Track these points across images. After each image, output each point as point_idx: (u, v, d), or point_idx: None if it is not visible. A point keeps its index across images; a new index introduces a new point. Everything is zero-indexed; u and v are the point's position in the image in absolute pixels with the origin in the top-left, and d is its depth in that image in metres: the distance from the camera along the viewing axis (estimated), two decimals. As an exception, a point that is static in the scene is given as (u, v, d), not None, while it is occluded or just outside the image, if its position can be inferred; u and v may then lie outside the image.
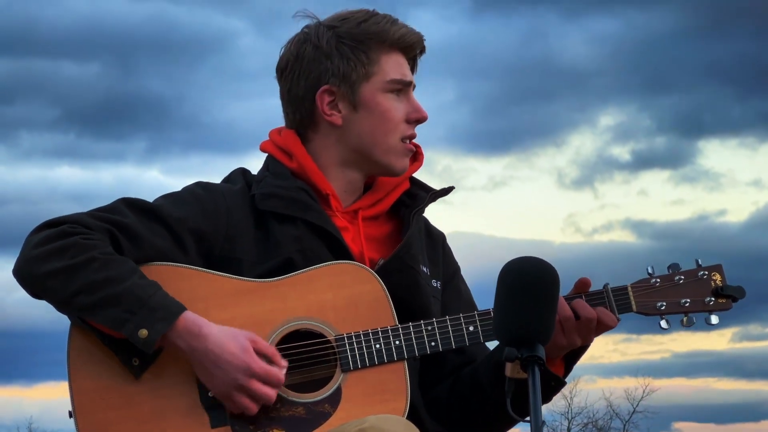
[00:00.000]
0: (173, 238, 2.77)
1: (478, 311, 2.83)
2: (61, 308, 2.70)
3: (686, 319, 2.87)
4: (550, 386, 2.80)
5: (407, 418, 2.68)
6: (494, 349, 2.90)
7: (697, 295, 2.87)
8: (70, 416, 2.71)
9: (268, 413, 2.70)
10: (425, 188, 3.02)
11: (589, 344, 2.85)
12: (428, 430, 2.87)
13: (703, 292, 2.88)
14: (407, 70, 2.96)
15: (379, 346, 2.75)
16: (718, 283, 2.88)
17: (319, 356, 2.74)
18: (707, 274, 2.89)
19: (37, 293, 2.70)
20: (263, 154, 3.02)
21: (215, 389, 2.67)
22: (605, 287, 2.85)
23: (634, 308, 2.85)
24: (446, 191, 3.03)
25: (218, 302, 2.72)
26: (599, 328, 2.81)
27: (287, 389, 2.72)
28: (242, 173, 2.97)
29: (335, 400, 2.72)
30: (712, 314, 2.88)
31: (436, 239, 3.08)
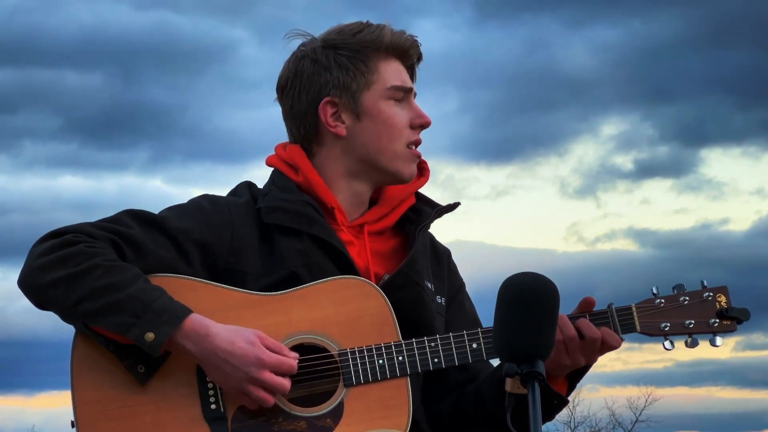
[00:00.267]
0: (177, 249, 2.77)
1: (481, 328, 2.83)
2: (66, 317, 2.70)
3: (690, 340, 2.86)
4: (552, 404, 2.79)
5: (409, 434, 2.69)
6: (497, 366, 2.90)
7: (701, 316, 2.86)
8: (72, 426, 2.71)
9: (270, 427, 2.70)
10: (431, 204, 3.02)
11: (592, 364, 2.85)
12: (430, 446, 2.88)
13: (707, 313, 2.87)
14: (406, 77, 2.96)
15: (382, 361, 2.75)
16: (723, 304, 2.87)
17: (322, 371, 2.74)
18: (712, 295, 2.88)
19: (41, 303, 2.71)
20: (265, 162, 3.03)
21: (229, 387, 2.67)
22: (609, 307, 2.85)
23: (638, 329, 2.85)
24: (452, 207, 3.02)
25: (222, 315, 2.72)
26: (603, 348, 2.81)
27: (289, 403, 2.72)
28: (248, 186, 2.97)
29: (337, 415, 2.72)
30: (716, 336, 2.87)
31: (441, 255, 3.08)
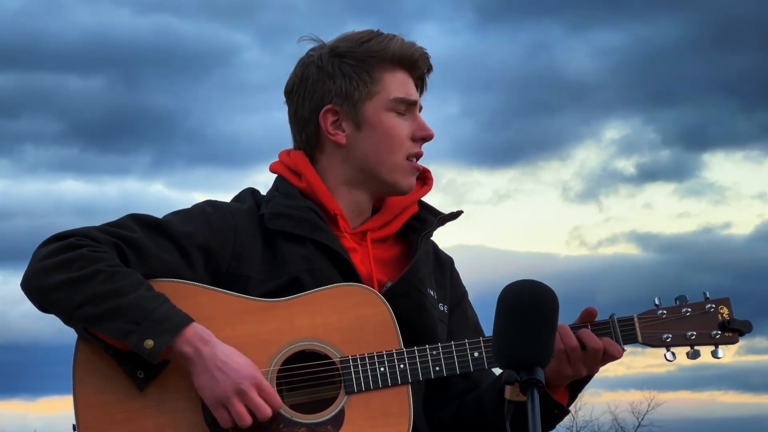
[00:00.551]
0: (181, 253, 2.78)
1: (483, 337, 2.83)
2: (67, 320, 2.71)
3: (691, 351, 2.86)
4: (553, 414, 2.80)
5: (410, 442, 2.69)
6: (499, 375, 2.90)
7: (703, 328, 2.86)
8: (74, 429, 2.72)
9: None
10: (434, 212, 3.03)
11: (594, 374, 2.84)
12: (431, 454, 2.88)
13: (709, 325, 2.87)
14: (412, 89, 2.96)
15: (383, 369, 2.75)
16: (725, 316, 2.87)
17: (323, 377, 2.74)
18: (714, 307, 2.88)
19: (43, 305, 2.71)
20: (267, 166, 3.04)
21: (213, 394, 2.64)
22: (611, 317, 2.85)
23: (639, 339, 2.85)
24: (454, 215, 3.03)
25: (225, 320, 2.73)
26: (605, 358, 2.81)
27: (290, 409, 2.72)
28: (251, 193, 2.98)
29: (338, 421, 2.72)
30: (718, 348, 2.87)
31: (444, 263, 3.09)
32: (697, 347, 2.86)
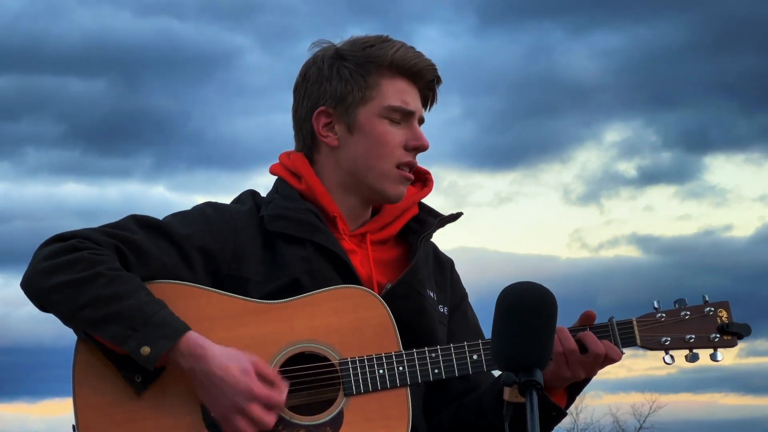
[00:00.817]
0: (181, 255, 2.78)
1: (482, 340, 2.83)
2: (67, 322, 2.72)
3: (690, 354, 2.86)
4: (551, 416, 2.80)
5: (408, 444, 2.69)
6: (498, 376, 2.90)
7: (702, 331, 2.87)
8: (73, 430, 2.72)
9: None
10: (433, 214, 3.03)
11: (592, 377, 2.85)
12: (430, 456, 2.88)
13: (708, 328, 2.87)
14: (411, 98, 2.93)
15: (382, 371, 2.76)
16: (724, 319, 2.88)
17: (322, 379, 2.75)
18: (713, 310, 2.88)
19: (44, 306, 2.72)
20: (268, 168, 3.04)
21: (215, 411, 2.66)
22: (610, 320, 2.85)
23: (638, 342, 2.85)
24: (454, 217, 3.02)
25: (224, 322, 2.73)
26: (604, 362, 2.81)
27: (289, 411, 2.72)
28: (252, 195, 2.98)
29: (337, 423, 2.73)
30: (717, 351, 2.87)
31: (444, 265, 3.09)
32: (695, 350, 2.87)
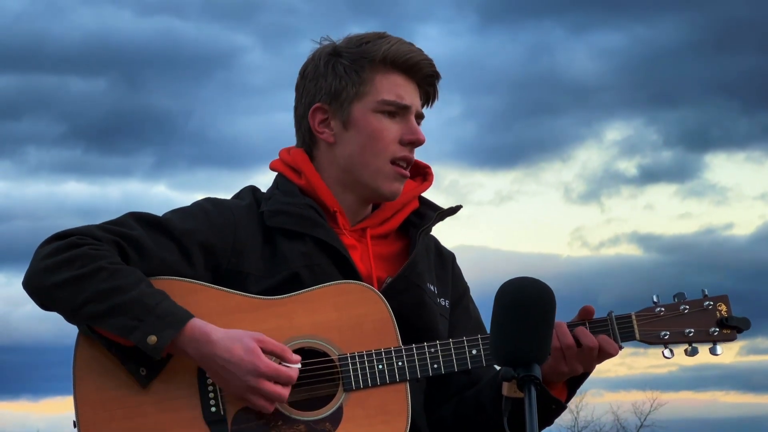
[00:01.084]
0: (181, 251, 2.79)
1: (481, 335, 2.83)
2: (70, 318, 2.72)
3: (690, 348, 2.86)
4: (550, 409, 2.80)
5: (408, 439, 2.70)
6: (497, 371, 2.91)
7: (701, 325, 2.87)
8: (74, 426, 2.73)
9: (269, 430, 2.71)
10: (433, 207, 3.03)
11: (591, 371, 2.85)
12: (431, 451, 2.88)
13: (707, 322, 2.87)
14: (406, 93, 2.92)
15: (381, 366, 2.76)
16: (723, 313, 2.88)
17: (322, 375, 2.75)
18: (713, 304, 2.88)
19: (46, 304, 2.73)
20: (269, 167, 3.04)
21: (230, 392, 2.69)
22: (609, 315, 2.85)
23: (637, 337, 2.85)
24: (454, 210, 3.03)
25: (223, 318, 2.73)
26: (601, 356, 2.81)
27: (289, 407, 2.73)
28: (252, 191, 2.98)
29: (336, 419, 2.73)
30: (716, 345, 2.87)
31: (445, 259, 3.09)
32: (695, 344, 2.86)
